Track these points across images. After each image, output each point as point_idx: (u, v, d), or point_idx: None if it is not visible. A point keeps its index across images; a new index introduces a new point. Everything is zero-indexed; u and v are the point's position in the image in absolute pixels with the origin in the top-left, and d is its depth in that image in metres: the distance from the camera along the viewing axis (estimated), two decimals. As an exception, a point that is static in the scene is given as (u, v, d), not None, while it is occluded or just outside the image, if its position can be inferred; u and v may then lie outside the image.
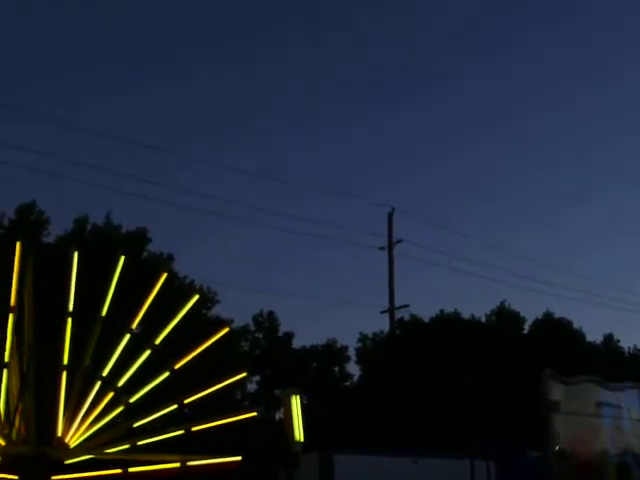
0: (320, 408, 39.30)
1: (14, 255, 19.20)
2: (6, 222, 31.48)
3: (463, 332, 42.24)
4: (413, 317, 45.67)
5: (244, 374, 20.16)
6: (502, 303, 46.97)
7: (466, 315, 45.37)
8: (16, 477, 17.32)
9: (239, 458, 17.52)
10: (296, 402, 18.44)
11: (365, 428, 33.62)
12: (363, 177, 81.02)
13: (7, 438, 17.79)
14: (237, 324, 38.66)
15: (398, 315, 46.25)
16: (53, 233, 32.37)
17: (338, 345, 42.99)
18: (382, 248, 47.30)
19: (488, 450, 28.98)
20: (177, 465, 17.47)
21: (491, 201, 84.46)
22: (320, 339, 43.33)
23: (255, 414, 19.31)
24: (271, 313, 42.29)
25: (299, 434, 18.07)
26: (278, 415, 39.86)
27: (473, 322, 45.17)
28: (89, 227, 32.79)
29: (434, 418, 33.89)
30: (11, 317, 18.49)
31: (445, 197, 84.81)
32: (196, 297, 20.36)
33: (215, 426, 18.58)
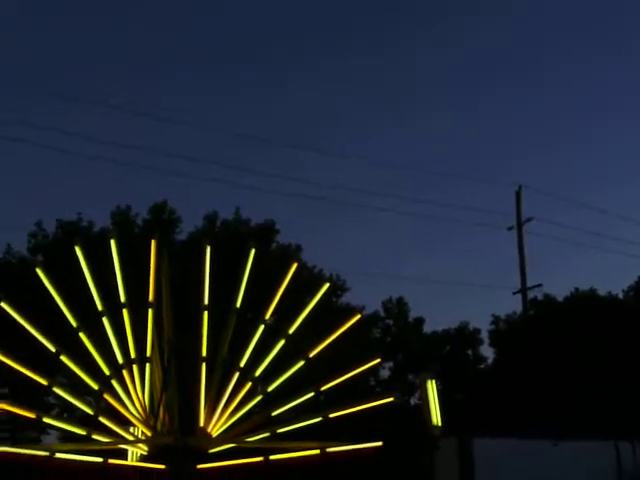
0: (455, 392, 38.85)
1: (150, 253, 19.87)
2: (140, 222, 32.57)
3: (599, 310, 40.88)
4: (547, 296, 44.49)
5: (378, 360, 20.18)
6: (640, 278, 45.14)
7: (602, 292, 43.89)
8: (163, 466, 17.86)
9: (380, 444, 17.45)
10: (432, 387, 18.30)
11: (501, 411, 33.04)
12: (490, 159, 79.93)
13: (153, 429, 18.43)
14: (367, 311, 38.69)
15: (531, 295, 45.20)
16: (185, 230, 33.28)
17: (470, 328, 42.36)
18: (510, 228, 46.30)
19: (632, 431, 27.96)
20: (317, 452, 17.61)
21: (626, 178, 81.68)
22: (452, 323, 42.85)
23: (392, 399, 19.25)
24: (400, 299, 42.07)
25: (437, 418, 17.91)
26: (413, 400, 39.73)
27: (610, 299, 43.61)
28: (219, 223, 33.52)
29: (572, 399, 32.95)
30: (150, 312, 19.11)
31: (579, 174, 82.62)
32: (327, 285, 20.49)
33: (352, 412, 18.66)
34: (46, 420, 18.07)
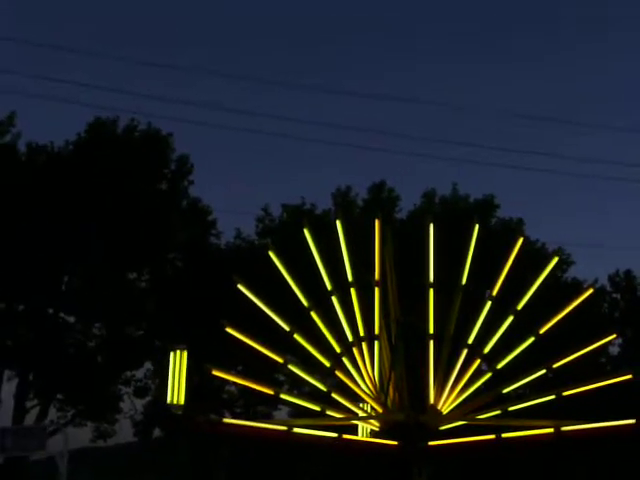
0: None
1: (372, 233, 20.11)
2: (360, 202, 33.19)
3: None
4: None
5: (614, 336, 19.30)
6: None
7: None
8: (395, 442, 18.07)
9: (633, 421, 16.60)
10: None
11: None
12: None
13: (383, 406, 18.69)
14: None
15: None
16: (405, 209, 33.53)
17: None
18: None
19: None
20: (551, 430, 17.10)
21: None
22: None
23: (631, 376, 18.36)
24: (628, 272, 40.18)
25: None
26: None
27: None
28: (437, 200, 33.50)
29: None
30: (377, 291, 19.35)
31: None
32: (556, 259, 19.90)
33: (588, 390, 18.00)
34: (283, 396, 18.79)
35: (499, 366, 18.84)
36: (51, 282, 31.22)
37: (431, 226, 19.64)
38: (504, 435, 17.47)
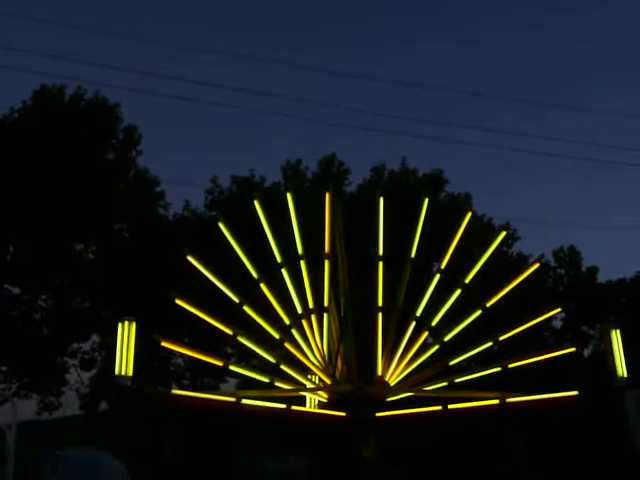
0: (634, 343, 37.51)
1: (322, 206, 20.12)
2: (310, 175, 33.13)
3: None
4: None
5: (559, 310, 19.66)
6: None
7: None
8: (343, 414, 18.22)
9: (575, 393, 16.97)
10: (616, 337, 17.64)
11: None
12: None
13: (331, 377, 18.82)
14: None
15: None
16: (354, 182, 33.56)
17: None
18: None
19: None
20: (496, 402, 17.42)
21: None
22: (628, 272, 41.32)
23: (574, 349, 18.76)
24: (572, 248, 40.90)
25: (622, 369, 17.29)
26: (586, 352, 38.69)
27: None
28: (386, 174, 33.60)
29: None
30: (327, 264, 19.40)
31: None
32: (503, 234, 20.16)
33: (532, 363, 18.34)
34: (232, 367, 18.81)
35: (446, 339, 19.08)
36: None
37: (381, 199, 19.72)
38: (450, 406, 17.73)
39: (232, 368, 18.81)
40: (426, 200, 19.92)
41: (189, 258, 18.83)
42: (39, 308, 32.13)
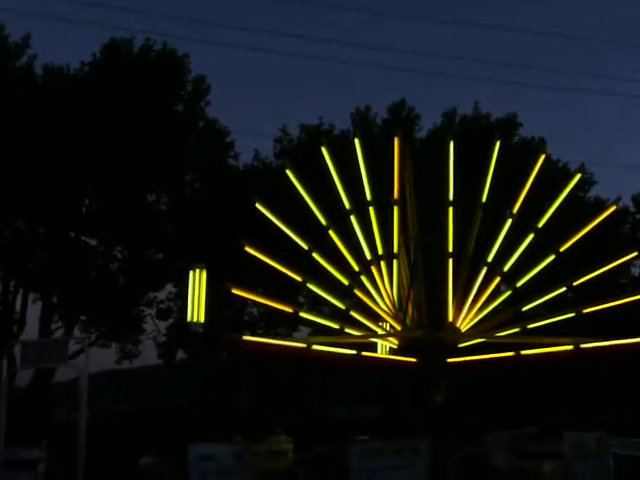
0: None
1: (391, 152, 19.89)
2: (379, 122, 32.78)
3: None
4: None
5: (635, 254, 19.10)
6: None
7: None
8: (414, 359, 18.17)
9: None
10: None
11: None
12: None
13: (402, 323, 18.76)
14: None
15: None
16: (424, 128, 33.12)
17: None
18: None
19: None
20: (570, 347, 17.09)
21: None
22: None
23: (654, 295, 18.27)
24: (652, 192, 39.69)
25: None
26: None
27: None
28: (458, 119, 33.03)
29: None
30: (396, 210, 19.22)
31: None
32: (578, 176, 19.67)
33: (606, 308, 17.94)
34: (302, 314, 18.87)
35: (519, 284, 18.79)
36: (72, 205, 31.31)
37: (451, 143, 19.41)
38: (523, 352, 17.46)
39: (302, 315, 18.86)
40: (498, 142, 19.51)
41: (259, 207, 18.88)
42: (115, 259, 32.81)
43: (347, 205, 19.09)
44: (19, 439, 16.31)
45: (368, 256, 18.95)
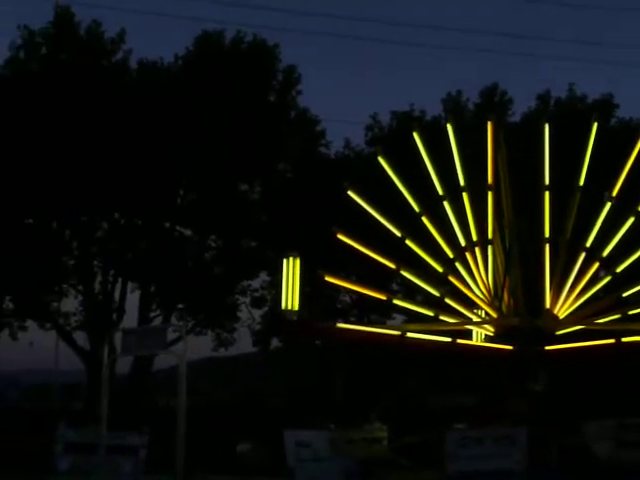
0: None
1: (484, 137, 19.62)
2: (471, 107, 32.30)
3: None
4: None
5: None
6: None
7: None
8: (510, 347, 17.92)
9: None
10: None
11: None
12: None
13: (498, 311, 18.51)
14: None
15: None
16: (518, 112, 32.51)
17: None
18: None
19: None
20: (675, 334, 16.56)
21: None
22: None
23: None
24: None
25: None
26: None
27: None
28: (552, 102, 32.27)
29: None
30: (490, 195, 18.98)
31: None
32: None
33: None
34: (396, 302, 18.84)
35: (619, 269, 18.31)
36: (167, 196, 31.91)
37: (546, 126, 19.01)
38: (624, 339, 17.03)
39: (396, 302, 18.85)
40: (595, 124, 19.00)
41: (351, 194, 18.89)
42: (209, 248, 33.29)
43: (440, 191, 18.94)
44: (120, 425, 16.75)
45: (462, 242, 18.76)
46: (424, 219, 18.74)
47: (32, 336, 36.53)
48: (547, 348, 17.81)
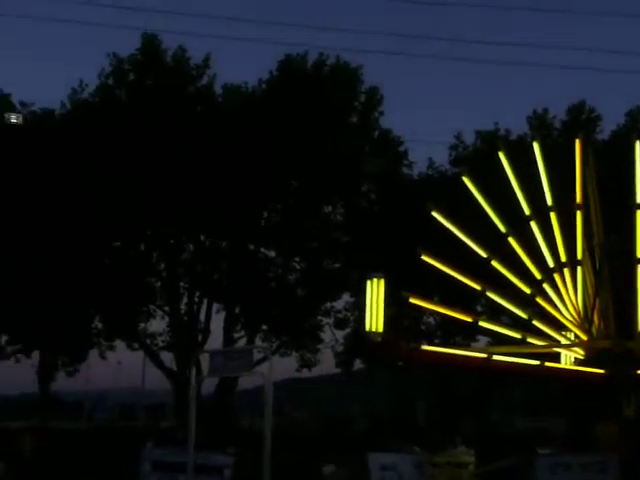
0: None
1: (571, 155, 19.27)
2: (558, 124, 31.83)
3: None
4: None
5: None
6: None
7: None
8: (602, 371, 17.40)
9: None
10: None
11: None
12: None
13: (588, 333, 18.03)
14: None
15: None
16: (607, 129, 31.94)
17: None
18: None
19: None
20: None
21: None
22: None
23: None
24: None
25: None
26: None
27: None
28: (645, 116, 31.57)
29: None
30: (579, 214, 18.61)
31: None
32: None
33: None
34: (482, 323, 18.52)
35: None
36: (252, 218, 32.27)
37: (637, 143, 18.51)
38: None
39: (482, 324, 18.51)
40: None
41: (435, 215, 18.73)
42: (293, 270, 33.49)
43: (527, 211, 18.62)
44: (205, 445, 16.88)
45: (550, 263, 18.38)
46: (510, 239, 18.43)
47: (120, 356, 37.48)
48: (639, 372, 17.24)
